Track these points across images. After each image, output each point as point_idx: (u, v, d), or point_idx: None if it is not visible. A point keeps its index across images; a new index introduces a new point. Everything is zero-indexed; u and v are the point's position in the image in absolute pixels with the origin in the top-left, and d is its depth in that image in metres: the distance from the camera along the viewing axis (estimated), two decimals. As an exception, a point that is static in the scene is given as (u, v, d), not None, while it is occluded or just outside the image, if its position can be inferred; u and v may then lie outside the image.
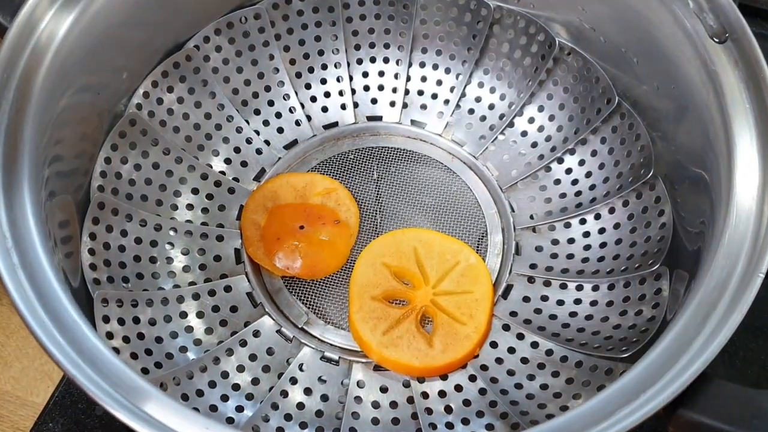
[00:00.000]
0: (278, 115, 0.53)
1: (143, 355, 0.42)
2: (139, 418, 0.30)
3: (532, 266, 0.48)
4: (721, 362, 0.33)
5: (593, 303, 0.45)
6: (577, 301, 0.46)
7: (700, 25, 0.40)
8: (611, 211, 0.48)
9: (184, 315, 0.45)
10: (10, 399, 0.51)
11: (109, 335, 0.42)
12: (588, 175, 0.50)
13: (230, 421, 0.42)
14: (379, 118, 0.54)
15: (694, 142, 0.41)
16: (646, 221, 0.46)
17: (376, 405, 0.44)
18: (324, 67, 0.54)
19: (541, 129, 0.52)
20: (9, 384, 0.52)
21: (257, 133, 0.53)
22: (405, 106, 0.54)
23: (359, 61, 0.55)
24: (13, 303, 0.32)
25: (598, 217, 0.48)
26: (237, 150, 0.52)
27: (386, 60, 0.55)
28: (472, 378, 0.44)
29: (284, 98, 0.53)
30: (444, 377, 0.44)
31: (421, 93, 0.55)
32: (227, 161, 0.52)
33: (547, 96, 0.52)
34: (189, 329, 0.45)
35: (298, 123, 0.53)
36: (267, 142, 0.53)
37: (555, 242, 0.49)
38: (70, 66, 0.40)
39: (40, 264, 0.34)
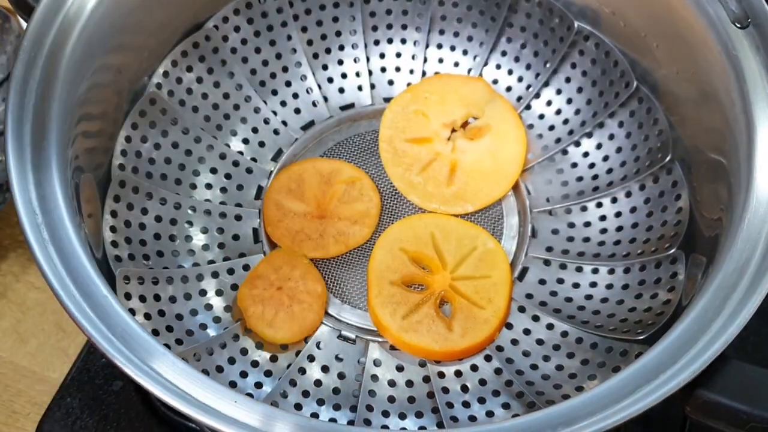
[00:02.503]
0: (295, 96, 0.54)
1: (164, 332, 0.43)
2: (168, 389, 0.31)
3: (548, 249, 0.49)
4: (732, 346, 0.34)
5: (609, 286, 0.46)
6: (593, 284, 0.47)
7: (722, 10, 0.40)
8: (628, 194, 0.48)
9: (203, 293, 0.46)
10: (27, 374, 0.52)
11: (132, 312, 0.42)
12: (605, 158, 0.50)
13: (249, 396, 0.43)
14: (396, 100, 0.54)
15: (714, 128, 0.42)
16: (663, 205, 0.46)
17: (392, 383, 0.44)
18: (341, 47, 0.54)
19: (558, 112, 0.52)
20: (26, 360, 0.52)
21: (275, 113, 0.53)
22: (422, 87, 0.54)
23: (376, 42, 0.55)
24: (45, 277, 0.33)
25: (614, 200, 0.49)
26: (255, 130, 0.52)
27: (403, 41, 0.55)
28: (488, 358, 0.45)
29: (301, 79, 0.54)
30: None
31: (438, 75, 0.55)
32: (245, 141, 0.52)
33: (565, 79, 0.52)
34: (209, 307, 0.46)
35: (315, 104, 0.54)
36: (284, 123, 0.53)
37: (571, 225, 0.49)
38: (95, 44, 0.41)
39: (69, 240, 0.35)
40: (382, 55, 0.55)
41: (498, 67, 0.54)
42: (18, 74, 0.38)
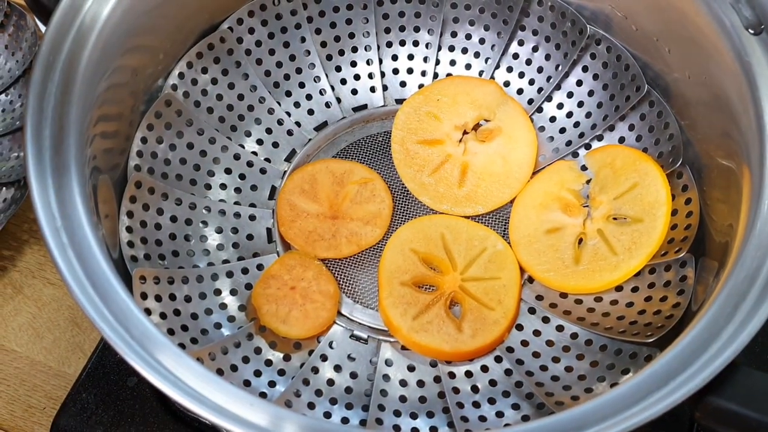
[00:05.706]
0: (309, 97, 0.54)
1: (180, 331, 0.44)
2: (185, 392, 0.32)
3: (559, 251, 0.49)
4: (740, 352, 0.34)
5: (619, 288, 0.46)
6: (603, 287, 0.47)
7: (735, 16, 0.40)
8: (638, 198, 0.48)
9: (218, 292, 0.47)
10: (43, 369, 0.53)
11: (147, 311, 0.43)
12: (616, 162, 0.50)
13: (263, 395, 0.44)
14: (408, 101, 0.55)
15: (725, 133, 0.42)
16: (673, 209, 0.46)
17: (403, 383, 0.45)
18: (354, 49, 0.55)
19: (569, 115, 0.52)
20: (41, 355, 0.53)
21: (288, 114, 0.53)
22: (434, 89, 0.55)
23: (389, 44, 0.55)
24: (64, 280, 0.33)
25: (625, 203, 0.49)
26: (269, 131, 0.53)
27: (416, 43, 0.55)
28: (498, 359, 0.45)
29: (315, 80, 0.54)
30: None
31: (450, 77, 0.55)
32: (259, 142, 0.52)
33: (577, 82, 0.52)
34: (223, 306, 0.46)
35: (328, 105, 0.54)
36: (298, 124, 0.53)
37: (581, 228, 0.50)
38: (112, 47, 0.41)
39: (88, 242, 0.35)
40: (394, 57, 0.55)
41: (510, 69, 0.54)
42: (37, 78, 0.38)
